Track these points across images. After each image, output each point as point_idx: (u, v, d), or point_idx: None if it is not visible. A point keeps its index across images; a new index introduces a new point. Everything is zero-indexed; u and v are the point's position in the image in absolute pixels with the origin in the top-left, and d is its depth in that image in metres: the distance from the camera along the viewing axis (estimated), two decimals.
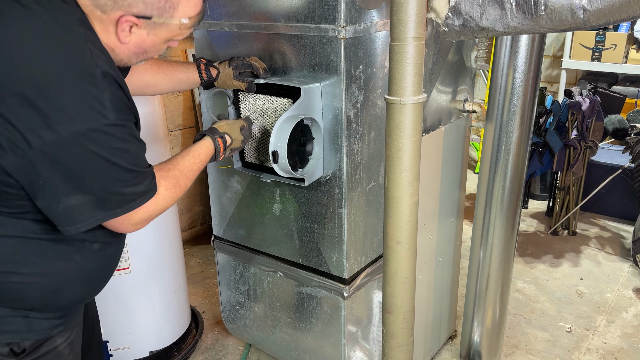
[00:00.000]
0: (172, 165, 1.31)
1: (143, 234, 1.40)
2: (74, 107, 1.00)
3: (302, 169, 1.71)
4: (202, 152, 1.42)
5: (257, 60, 1.72)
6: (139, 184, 1.14)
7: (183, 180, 1.31)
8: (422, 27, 1.25)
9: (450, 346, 2.52)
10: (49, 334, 1.22)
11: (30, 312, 1.18)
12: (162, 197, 1.22)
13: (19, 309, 1.17)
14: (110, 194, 1.11)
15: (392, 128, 1.32)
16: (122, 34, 1.12)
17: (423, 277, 2.08)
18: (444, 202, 2.15)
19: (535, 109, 1.92)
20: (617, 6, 1.20)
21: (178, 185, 1.28)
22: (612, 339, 2.58)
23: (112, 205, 1.12)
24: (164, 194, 1.23)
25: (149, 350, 2.29)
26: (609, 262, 3.29)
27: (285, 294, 2.09)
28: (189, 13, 1.18)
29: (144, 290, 2.20)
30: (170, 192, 1.26)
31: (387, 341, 1.55)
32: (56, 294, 1.19)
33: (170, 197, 1.26)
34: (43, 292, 1.17)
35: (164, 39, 1.19)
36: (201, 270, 3.25)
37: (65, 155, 1.02)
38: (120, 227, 1.18)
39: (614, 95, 3.73)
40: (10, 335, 1.16)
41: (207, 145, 1.45)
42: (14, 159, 1.01)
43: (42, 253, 1.15)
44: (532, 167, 3.37)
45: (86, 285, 1.26)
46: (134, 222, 1.19)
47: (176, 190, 1.28)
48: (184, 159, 1.35)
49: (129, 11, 1.09)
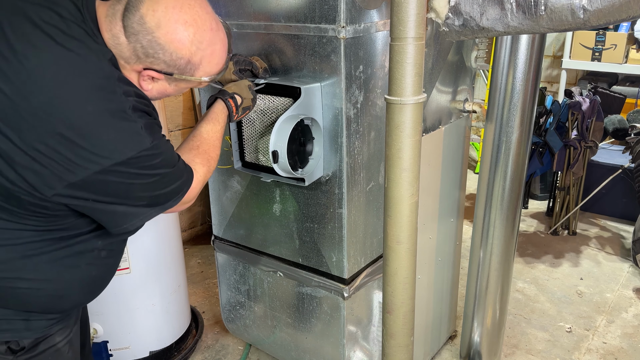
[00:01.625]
0: (198, 140, 1.37)
1: (143, 234, 1.40)
2: (114, 142, 1.05)
3: (302, 169, 1.71)
4: (219, 116, 1.46)
5: (259, 59, 1.71)
6: (180, 177, 1.21)
7: (213, 151, 1.38)
8: (422, 27, 1.25)
9: (450, 346, 2.52)
10: (48, 332, 1.22)
11: (31, 314, 1.18)
12: (201, 173, 1.30)
13: (20, 311, 1.17)
14: (157, 197, 1.18)
15: (392, 128, 1.32)
16: (144, 83, 1.16)
17: (423, 277, 2.08)
18: (444, 202, 2.15)
19: (535, 109, 1.92)
20: (617, 6, 1.20)
21: (210, 157, 1.36)
22: (612, 339, 2.58)
23: (161, 202, 1.20)
24: (201, 170, 1.31)
25: (149, 350, 2.29)
26: (609, 262, 3.29)
27: (285, 294, 2.09)
28: (211, 72, 1.22)
29: (144, 290, 2.20)
30: (206, 167, 1.34)
31: (387, 341, 1.55)
32: (60, 299, 1.20)
33: (207, 169, 1.34)
34: (47, 298, 1.18)
35: (185, 88, 1.25)
36: (201, 270, 3.25)
37: (112, 183, 1.08)
38: (172, 210, 1.26)
39: (614, 95, 3.73)
40: (9, 334, 1.17)
41: (221, 108, 1.48)
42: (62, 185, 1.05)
43: (53, 261, 1.16)
44: (532, 167, 3.37)
45: (88, 291, 1.27)
46: (184, 202, 1.27)
47: (210, 161, 1.36)
48: (206, 130, 1.40)
49: (151, 67, 1.13)
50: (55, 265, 1.17)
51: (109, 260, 1.29)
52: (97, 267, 1.25)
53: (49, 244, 1.14)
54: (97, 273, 1.27)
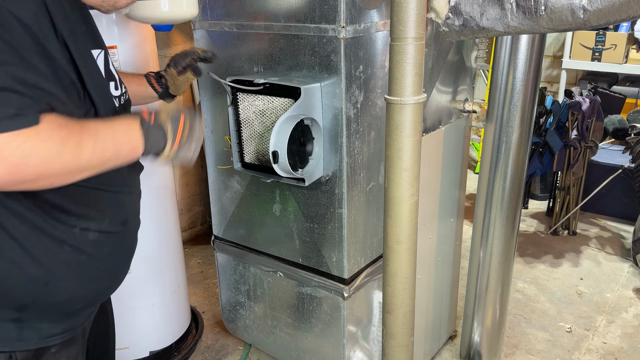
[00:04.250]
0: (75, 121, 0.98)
1: (143, 234, 1.39)
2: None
3: (302, 169, 1.71)
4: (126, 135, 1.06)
5: (195, 47, 1.61)
6: (4, 102, 0.87)
7: (84, 138, 0.96)
8: (422, 27, 1.25)
9: (450, 346, 2.52)
10: (45, 344, 1.11)
11: (22, 312, 1.08)
12: (40, 132, 0.89)
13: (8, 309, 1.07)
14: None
15: (392, 128, 1.32)
16: None
17: (423, 277, 2.08)
18: (444, 202, 2.15)
19: (535, 109, 1.92)
20: (617, 6, 1.20)
21: (71, 138, 0.94)
22: (612, 339, 2.58)
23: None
24: (46, 130, 0.90)
25: (149, 351, 2.29)
26: (609, 262, 3.29)
27: (285, 294, 2.09)
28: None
29: (144, 290, 2.20)
30: (55, 136, 0.91)
31: (387, 341, 1.55)
32: (47, 287, 1.08)
33: (54, 142, 0.91)
34: (31, 282, 1.06)
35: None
36: (201, 270, 3.25)
37: None
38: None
39: (614, 95, 3.73)
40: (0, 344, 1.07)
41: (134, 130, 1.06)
42: None
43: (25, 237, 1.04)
44: (532, 167, 3.37)
45: (80, 280, 1.13)
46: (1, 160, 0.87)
47: (68, 140, 0.93)
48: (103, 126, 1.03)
49: None
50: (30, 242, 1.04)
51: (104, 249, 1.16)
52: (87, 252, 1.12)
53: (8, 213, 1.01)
54: (89, 260, 1.13)
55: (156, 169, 2.15)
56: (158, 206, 2.19)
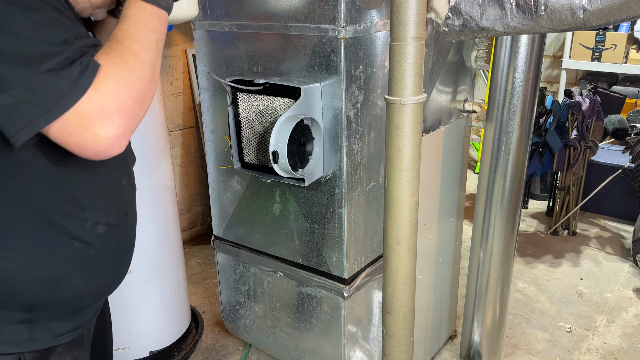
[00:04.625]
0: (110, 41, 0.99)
1: (143, 234, 1.39)
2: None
3: (302, 169, 1.71)
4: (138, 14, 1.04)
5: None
6: (71, 66, 0.88)
7: (129, 46, 0.97)
8: (422, 27, 1.25)
9: (450, 346, 2.52)
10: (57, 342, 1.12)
11: (32, 312, 1.09)
12: (102, 73, 0.91)
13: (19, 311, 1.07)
14: (40, 84, 0.86)
15: (392, 128, 1.32)
16: None
17: (423, 277, 2.08)
18: (444, 202, 2.15)
19: (535, 109, 1.92)
20: (617, 6, 1.20)
21: (124, 55, 0.95)
22: (612, 339, 2.58)
23: (48, 98, 0.86)
24: (104, 68, 0.92)
25: (149, 351, 2.29)
26: (609, 262, 3.29)
27: (285, 294, 2.09)
28: None
29: (144, 290, 2.20)
30: (114, 65, 0.93)
31: (387, 341, 1.55)
32: (55, 285, 1.07)
33: (117, 69, 0.93)
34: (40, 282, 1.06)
35: None
36: (201, 270, 3.25)
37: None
38: (84, 140, 0.90)
39: (614, 95, 3.73)
40: (10, 346, 1.07)
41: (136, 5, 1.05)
42: None
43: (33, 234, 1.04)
44: (532, 167, 3.37)
45: (88, 275, 1.13)
46: (90, 125, 0.89)
47: (124, 59, 0.95)
48: (120, 29, 1.01)
49: None
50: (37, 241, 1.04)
51: (110, 242, 1.15)
52: (95, 247, 1.12)
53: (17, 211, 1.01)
54: (96, 254, 1.13)
55: (156, 169, 2.15)
56: (158, 206, 2.19)
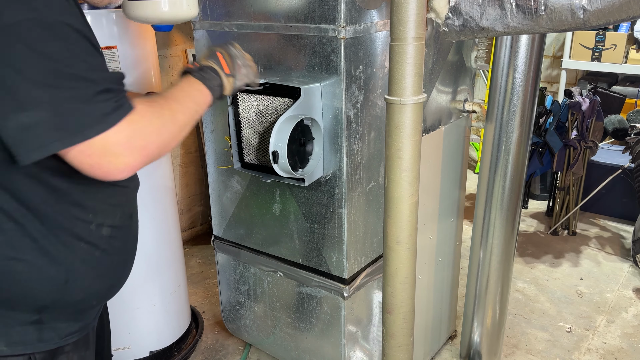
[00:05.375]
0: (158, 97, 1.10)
1: (143, 234, 1.39)
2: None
3: (302, 169, 1.71)
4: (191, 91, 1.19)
5: None
6: (104, 100, 0.92)
7: (170, 104, 1.08)
8: (422, 27, 1.25)
9: (450, 346, 2.52)
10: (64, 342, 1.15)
11: (42, 313, 1.11)
12: (140, 114, 0.97)
13: (29, 312, 1.09)
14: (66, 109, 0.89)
15: (392, 128, 1.32)
16: None
17: (423, 277, 2.08)
18: (444, 202, 2.15)
19: (535, 109, 1.92)
20: (617, 6, 1.21)
21: (164, 108, 1.05)
22: (612, 339, 2.58)
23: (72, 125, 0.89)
24: (143, 111, 0.99)
25: (149, 350, 2.29)
26: (609, 262, 3.29)
27: (285, 294, 2.09)
28: None
29: (144, 290, 2.20)
30: (152, 112, 1.01)
31: (387, 341, 1.55)
32: (66, 285, 1.10)
33: (154, 117, 1.01)
34: (52, 282, 1.08)
35: None
36: (201, 270, 3.25)
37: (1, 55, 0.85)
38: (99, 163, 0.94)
39: (614, 95, 3.73)
40: (21, 347, 1.09)
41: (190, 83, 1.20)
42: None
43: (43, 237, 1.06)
44: (532, 167, 3.37)
45: (95, 276, 1.16)
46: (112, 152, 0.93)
47: (162, 111, 1.04)
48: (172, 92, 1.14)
49: None
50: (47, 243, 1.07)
51: (115, 243, 1.18)
52: (100, 248, 1.15)
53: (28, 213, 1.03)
54: (102, 255, 1.16)
55: (156, 169, 2.15)
56: (158, 206, 2.19)
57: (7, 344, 1.09)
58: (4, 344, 1.08)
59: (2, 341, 1.08)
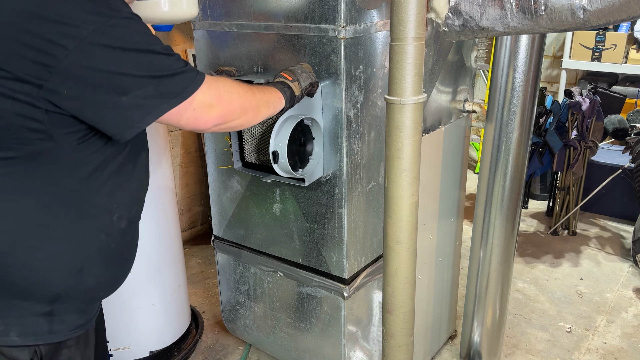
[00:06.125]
0: None
1: (143, 234, 1.40)
2: (83, 7, 0.98)
3: (302, 169, 1.71)
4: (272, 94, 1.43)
5: None
6: (184, 65, 1.10)
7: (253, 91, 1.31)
8: (422, 27, 1.25)
9: (450, 346, 2.52)
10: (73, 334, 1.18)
11: (55, 304, 1.14)
12: (220, 79, 1.19)
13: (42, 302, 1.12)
14: (162, 80, 1.06)
15: (392, 128, 1.32)
16: None
17: (423, 277, 2.08)
18: (444, 202, 2.15)
19: (535, 109, 1.92)
20: (617, 6, 1.21)
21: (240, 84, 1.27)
22: (612, 339, 2.58)
23: (170, 88, 1.07)
24: (222, 78, 1.21)
25: (149, 350, 2.29)
26: (609, 262, 3.29)
27: (285, 294, 2.09)
28: None
29: (144, 290, 2.20)
30: (229, 80, 1.24)
31: (387, 341, 1.55)
32: (80, 273, 1.15)
33: (233, 82, 1.24)
34: (67, 271, 1.13)
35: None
36: (201, 270, 3.25)
37: (96, 58, 0.98)
38: (196, 115, 1.12)
39: (614, 95, 3.73)
40: (32, 338, 1.13)
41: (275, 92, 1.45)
42: (52, 80, 0.97)
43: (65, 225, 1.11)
44: (532, 167, 3.37)
45: (108, 267, 1.22)
46: (207, 103, 1.14)
47: (240, 84, 1.26)
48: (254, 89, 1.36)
49: None
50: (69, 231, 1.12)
51: (127, 236, 1.25)
52: (116, 240, 1.20)
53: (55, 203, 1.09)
54: (116, 247, 1.21)
55: (156, 169, 2.15)
56: (158, 206, 2.19)
57: (19, 334, 1.12)
58: (16, 334, 1.12)
59: (15, 331, 1.12)
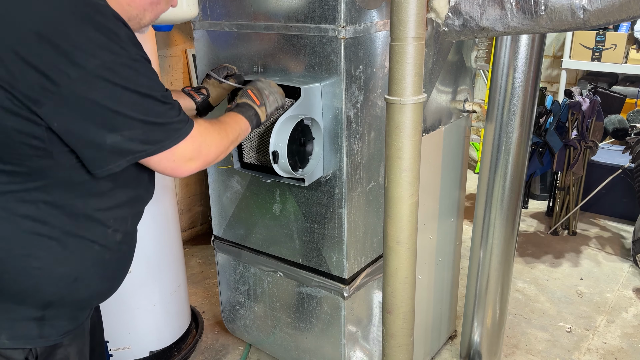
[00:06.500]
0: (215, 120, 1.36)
1: (143, 234, 1.40)
2: (95, 41, 1.00)
3: (302, 169, 1.71)
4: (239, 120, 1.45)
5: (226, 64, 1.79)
6: (177, 115, 1.14)
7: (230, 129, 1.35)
8: (422, 27, 1.25)
9: (450, 346, 2.52)
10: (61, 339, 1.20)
11: (46, 310, 1.15)
12: (204, 127, 1.22)
13: (34, 308, 1.14)
14: (151, 127, 1.09)
15: (392, 128, 1.32)
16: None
17: (423, 277, 2.08)
18: (444, 202, 2.15)
19: (535, 109, 1.92)
20: (617, 6, 1.21)
21: (220, 128, 1.30)
22: (612, 339, 2.58)
23: (156, 136, 1.10)
24: (205, 125, 1.24)
25: (149, 350, 2.29)
26: (609, 262, 3.29)
27: (285, 294, 2.09)
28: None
29: (144, 290, 2.20)
30: (217, 134, 1.27)
31: (387, 341, 1.55)
32: (75, 283, 1.17)
33: (213, 131, 1.26)
34: (62, 280, 1.15)
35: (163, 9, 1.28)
36: (201, 270, 3.25)
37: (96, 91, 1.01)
38: (174, 165, 1.16)
39: (614, 95, 3.73)
40: (22, 341, 1.14)
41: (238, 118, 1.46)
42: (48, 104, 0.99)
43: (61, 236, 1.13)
44: (532, 167, 3.37)
45: (103, 277, 1.23)
46: (188, 157, 1.17)
47: (219, 130, 1.29)
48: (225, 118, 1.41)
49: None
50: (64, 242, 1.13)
51: (123, 247, 1.26)
52: (111, 251, 1.22)
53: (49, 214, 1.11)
54: (111, 258, 1.23)
55: None
56: (158, 206, 2.19)
57: (10, 337, 1.14)
58: (6, 337, 1.14)
59: (5, 334, 1.14)
